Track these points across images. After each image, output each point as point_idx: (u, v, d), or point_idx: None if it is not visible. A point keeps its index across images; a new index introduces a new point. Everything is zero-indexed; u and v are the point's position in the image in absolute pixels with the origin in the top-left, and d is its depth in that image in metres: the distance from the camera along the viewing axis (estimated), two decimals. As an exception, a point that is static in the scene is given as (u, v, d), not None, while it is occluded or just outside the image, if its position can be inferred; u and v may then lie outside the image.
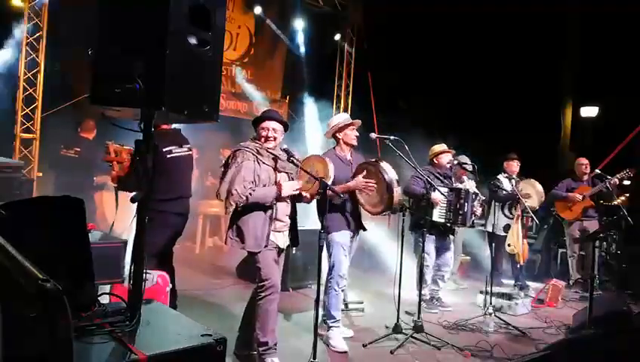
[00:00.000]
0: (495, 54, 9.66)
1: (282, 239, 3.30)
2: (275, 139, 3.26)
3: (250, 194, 3.05)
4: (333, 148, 4.14)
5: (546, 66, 10.20)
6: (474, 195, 5.01)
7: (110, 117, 2.15)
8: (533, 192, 5.81)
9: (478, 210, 5.08)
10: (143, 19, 1.85)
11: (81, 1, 6.25)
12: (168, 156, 3.79)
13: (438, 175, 5.10)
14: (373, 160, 3.91)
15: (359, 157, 4.16)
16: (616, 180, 5.91)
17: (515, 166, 6.03)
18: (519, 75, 9.59)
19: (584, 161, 6.41)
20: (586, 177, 6.35)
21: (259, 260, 3.16)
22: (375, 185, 3.71)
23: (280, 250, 3.32)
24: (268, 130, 3.23)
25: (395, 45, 9.99)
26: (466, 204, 4.83)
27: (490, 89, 9.65)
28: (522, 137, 8.64)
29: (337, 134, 4.04)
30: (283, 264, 3.51)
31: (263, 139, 3.24)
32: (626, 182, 6.08)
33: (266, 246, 3.15)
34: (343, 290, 4.02)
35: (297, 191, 3.25)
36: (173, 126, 4.00)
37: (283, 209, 3.27)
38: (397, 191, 3.71)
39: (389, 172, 3.73)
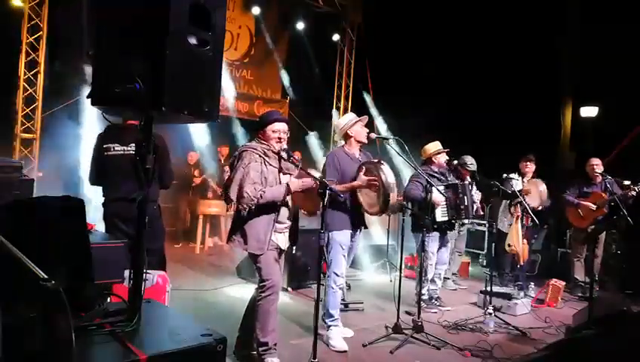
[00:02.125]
0: (495, 54, 9.64)
1: (283, 240, 3.30)
2: (284, 140, 3.26)
3: (261, 196, 3.03)
4: (342, 145, 4.15)
5: (545, 66, 10.19)
6: (470, 185, 5.06)
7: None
8: (534, 191, 5.79)
9: (477, 196, 5.15)
10: (143, 19, 1.85)
11: (82, 1, 6.30)
12: (106, 154, 3.71)
13: (435, 174, 5.11)
14: (375, 160, 3.91)
15: (367, 156, 4.17)
16: (633, 192, 5.64)
17: (529, 167, 6.01)
18: (519, 74, 9.58)
19: (595, 161, 6.06)
20: (599, 179, 5.99)
21: (259, 260, 3.17)
22: (377, 182, 3.72)
23: (281, 251, 3.32)
24: (280, 131, 3.22)
25: (395, 45, 9.99)
26: (465, 197, 4.87)
27: (490, 89, 9.64)
28: (522, 137, 8.64)
29: (348, 132, 4.05)
30: (283, 264, 3.51)
31: (274, 141, 3.21)
32: (626, 182, 5.98)
33: (267, 248, 3.15)
34: (341, 289, 4.02)
35: (306, 185, 3.20)
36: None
37: (285, 210, 3.26)
38: (393, 195, 3.70)
39: (389, 175, 3.72)
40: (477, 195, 5.21)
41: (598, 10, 9.40)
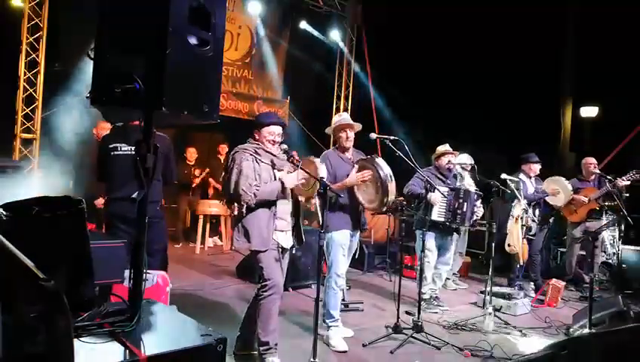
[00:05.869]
0: (495, 54, 9.64)
1: (285, 239, 3.30)
2: (278, 143, 3.29)
3: (255, 193, 3.08)
4: (335, 146, 4.16)
5: (545, 66, 10.19)
6: (475, 195, 5.01)
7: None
8: (561, 189, 5.85)
9: (480, 211, 5.09)
10: (143, 19, 1.85)
11: (81, 1, 6.29)
12: (112, 153, 3.72)
13: (439, 175, 5.12)
14: (369, 156, 3.92)
15: (360, 155, 4.17)
16: (624, 182, 5.71)
17: (537, 168, 5.97)
18: (519, 75, 9.58)
19: (592, 160, 6.19)
20: (592, 177, 6.16)
21: (261, 260, 3.17)
22: (370, 175, 3.73)
23: (283, 250, 3.32)
24: (275, 135, 3.26)
25: (395, 45, 9.99)
26: (466, 203, 4.83)
27: (490, 89, 9.64)
28: (522, 137, 8.64)
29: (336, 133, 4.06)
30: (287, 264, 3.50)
31: (269, 143, 3.26)
32: (626, 182, 5.97)
33: (270, 245, 3.16)
34: (341, 289, 4.02)
35: (302, 181, 3.24)
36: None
37: (284, 208, 3.27)
38: (391, 187, 3.72)
39: (384, 168, 3.75)
40: (479, 210, 5.12)
41: (598, 10, 9.40)
